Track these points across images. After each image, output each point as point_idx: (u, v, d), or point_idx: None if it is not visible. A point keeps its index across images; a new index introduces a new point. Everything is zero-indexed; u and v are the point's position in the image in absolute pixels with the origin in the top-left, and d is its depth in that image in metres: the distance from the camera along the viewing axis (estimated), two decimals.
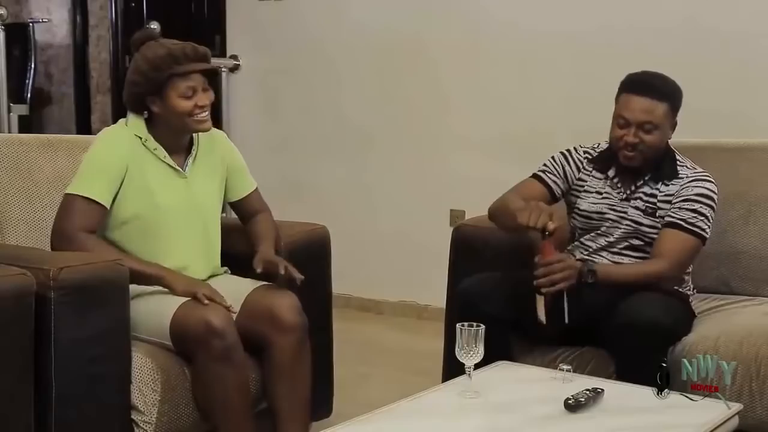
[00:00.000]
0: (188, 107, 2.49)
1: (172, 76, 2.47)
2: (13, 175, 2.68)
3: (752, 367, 2.41)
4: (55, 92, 5.98)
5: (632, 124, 2.61)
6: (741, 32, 3.93)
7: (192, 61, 2.50)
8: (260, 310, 2.48)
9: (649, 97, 2.61)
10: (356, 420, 2.01)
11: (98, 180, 2.47)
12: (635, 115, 2.61)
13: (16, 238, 2.63)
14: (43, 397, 2.15)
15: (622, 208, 2.70)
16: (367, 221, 4.89)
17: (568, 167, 2.80)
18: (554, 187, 2.79)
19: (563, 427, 1.99)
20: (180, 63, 2.48)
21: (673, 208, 2.64)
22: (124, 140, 2.53)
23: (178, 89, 2.48)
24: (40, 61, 5.87)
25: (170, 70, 2.47)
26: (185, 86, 2.48)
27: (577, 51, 4.27)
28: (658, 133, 2.62)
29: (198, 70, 2.51)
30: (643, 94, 2.62)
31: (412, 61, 4.75)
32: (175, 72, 2.47)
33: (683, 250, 2.62)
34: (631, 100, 2.63)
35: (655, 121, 2.61)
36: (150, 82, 2.48)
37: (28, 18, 5.92)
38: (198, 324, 2.32)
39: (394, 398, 2.14)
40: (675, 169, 2.69)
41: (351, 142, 4.98)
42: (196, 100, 2.50)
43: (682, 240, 2.62)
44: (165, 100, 2.49)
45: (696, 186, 2.66)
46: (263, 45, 5.25)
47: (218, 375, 2.33)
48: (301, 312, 2.50)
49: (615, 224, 2.70)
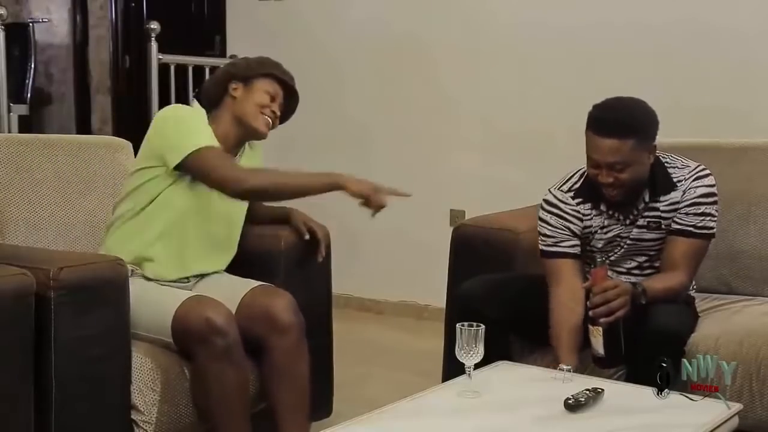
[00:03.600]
0: (266, 102, 2.66)
1: (268, 74, 2.68)
2: (14, 175, 2.68)
3: (752, 367, 2.41)
4: (55, 92, 5.98)
5: (602, 166, 2.46)
6: (741, 32, 3.93)
7: (280, 70, 2.71)
8: (257, 311, 2.49)
9: (614, 138, 2.41)
10: (356, 420, 2.00)
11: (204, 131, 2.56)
12: (603, 157, 2.44)
13: (16, 238, 2.63)
14: (43, 397, 2.15)
15: (627, 232, 2.60)
16: (367, 221, 4.88)
17: (572, 225, 2.62)
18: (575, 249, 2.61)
19: (563, 427, 1.99)
20: (278, 70, 2.71)
21: (679, 214, 2.55)
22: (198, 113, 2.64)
23: (267, 85, 2.67)
24: (40, 61, 5.87)
25: (270, 69, 2.70)
26: (274, 87, 2.69)
27: (577, 51, 4.27)
28: (631, 169, 2.45)
29: (290, 86, 2.73)
30: (606, 135, 2.42)
31: (412, 61, 4.75)
32: (273, 72, 2.69)
33: (696, 257, 2.57)
34: (596, 142, 2.44)
35: (624, 160, 2.42)
36: (248, 68, 2.69)
37: (28, 18, 5.92)
38: (200, 321, 2.32)
39: (394, 398, 2.13)
40: (670, 179, 2.56)
41: (351, 141, 4.98)
42: (273, 105, 2.67)
43: (694, 247, 2.55)
44: (249, 87, 2.65)
45: (698, 187, 2.55)
46: (263, 45, 5.23)
47: (218, 373, 2.33)
48: (298, 312, 2.51)
49: (621, 249, 2.61)
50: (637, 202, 2.57)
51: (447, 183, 4.67)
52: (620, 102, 2.51)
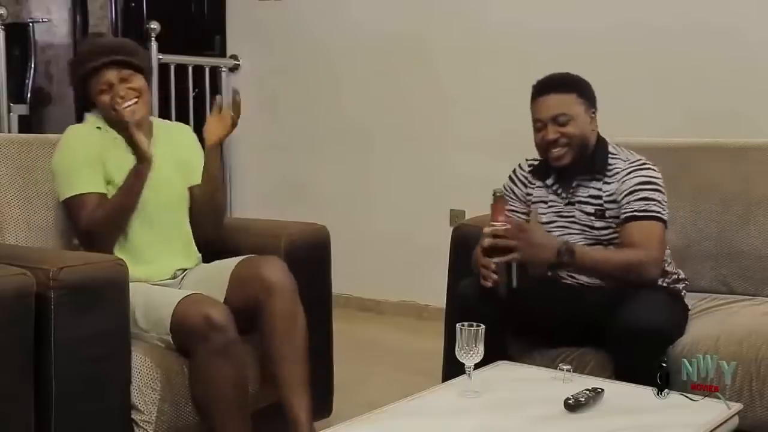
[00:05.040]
0: (107, 100, 2.61)
1: (84, 74, 2.62)
2: (13, 175, 2.69)
3: (752, 367, 2.41)
4: (55, 92, 5.98)
5: (546, 123, 2.63)
6: (741, 32, 3.93)
7: (100, 56, 2.62)
8: (249, 277, 2.53)
9: (554, 93, 2.65)
10: (356, 420, 2.00)
11: (86, 174, 2.57)
12: (546, 113, 2.64)
13: (16, 238, 2.64)
14: (43, 397, 2.15)
15: (569, 212, 2.68)
16: (367, 221, 4.89)
17: (516, 188, 2.81)
18: (515, 215, 2.74)
19: (563, 427, 1.99)
20: (90, 60, 2.62)
21: (622, 205, 2.61)
22: (88, 134, 2.65)
23: (96, 82, 2.62)
24: (40, 61, 5.87)
25: (81, 69, 2.63)
26: (103, 77, 2.61)
27: (577, 51, 4.26)
28: (574, 123, 2.62)
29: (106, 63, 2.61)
30: (547, 92, 2.66)
31: (412, 61, 4.75)
32: (86, 69, 2.61)
33: (651, 235, 2.57)
34: (540, 102, 2.67)
35: (567, 112, 2.63)
36: (75, 81, 2.67)
37: (28, 18, 5.92)
38: (198, 318, 2.32)
39: (394, 398, 2.13)
40: (606, 161, 2.66)
41: (351, 141, 4.98)
42: (117, 91, 2.60)
43: (645, 227, 2.57)
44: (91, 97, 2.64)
45: (634, 176, 2.62)
46: (263, 45, 5.25)
47: (217, 370, 2.33)
48: (290, 274, 2.54)
49: (567, 230, 2.67)
50: (573, 178, 2.67)
51: (447, 183, 4.67)
52: (557, 73, 2.73)
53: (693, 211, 3.08)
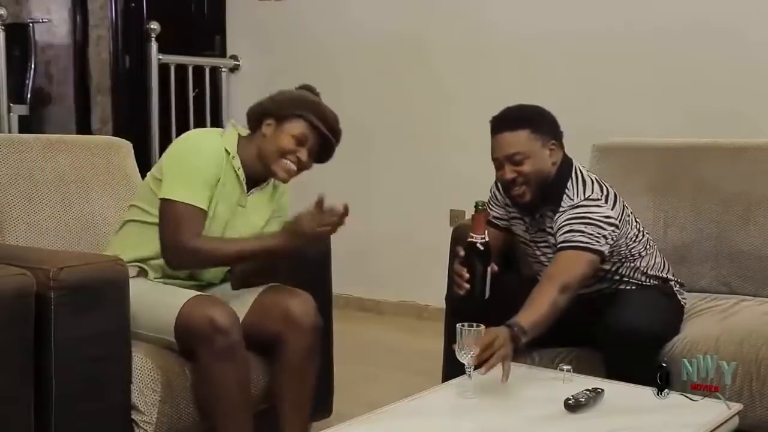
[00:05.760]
0: (289, 147, 2.53)
1: (302, 116, 2.55)
2: (14, 176, 2.68)
3: (752, 367, 2.41)
4: (55, 92, 5.97)
5: (503, 162, 2.56)
6: (741, 32, 3.93)
7: (325, 126, 2.61)
8: (275, 308, 2.49)
9: (507, 131, 2.56)
10: (356, 420, 2.01)
11: (201, 187, 2.45)
12: (501, 152, 2.56)
13: (16, 238, 2.63)
14: (43, 397, 2.15)
15: (541, 237, 2.67)
16: (367, 221, 4.89)
17: (499, 195, 2.77)
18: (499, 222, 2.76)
19: (563, 427, 1.99)
20: (315, 114, 2.58)
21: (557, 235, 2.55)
22: (216, 150, 2.51)
23: (295, 128, 2.55)
24: (40, 61, 5.86)
25: (304, 110, 2.56)
26: (302, 131, 2.55)
27: (577, 51, 4.27)
28: (530, 161, 2.54)
29: (323, 133, 2.60)
30: (500, 131, 2.58)
31: (412, 61, 4.75)
32: (306, 115, 2.56)
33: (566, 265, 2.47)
34: (495, 140, 2.59)
35: (520, 150, 2.54)
36: (282, 106, 2.57)
37: (28, 18, 5.91)
38: (203, 321, 2.32)
39: (394, 398, 2.14)
40: (560, 196, 2.57)
41: (351, 142, 4.93)
42: (299, 151, 2.55)
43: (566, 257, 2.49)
44: (280, 127, 2.54)
45: (568, 214, 2.53)
46: (263, 45, 5.25)
47: (220, 373, 2.33)
48: (318, 314, 2.52)
49: (546, 251, 2.65)
50: (533, 210, 2.62)
51: (447, 183, 4.67)
52: (512, 106, 2.65)
53: (693, 211, 3.08)
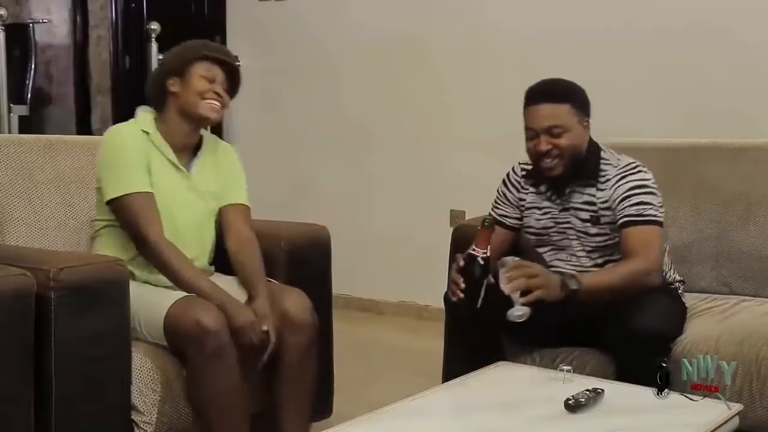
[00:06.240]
0: (204, 87, 2.56)
1: (198, 58, 2.57)
2: (14, 176, 2.68)
3: (752, 368, 2.41)
4: (55, 92, 5.97)
5: (539, 133, 2.58)
6: (741, 32, 3.93)
7: (222, 54, 2.61)
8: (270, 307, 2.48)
9: (548, 102, 2.58)
10: (356, 420, 2.00)
11: (135, 173, 2.48)
12: (540, 123, 2.57)
13: (16, 238, 2.64)
14: (43, 397, 2.15)
15: (564, 219, 2.67)
16: (368, 221, 4.89)
17: (509, 192, 2.79)
18: (506, 220, 2.78)
19: (563, 427, 1.99)
20: (206, 49, 2.60)
21: (617, 212, 2.58)
22: (133, 135, 2.56)
23: (199, 69, 2.57)
24: (40, 61, 5.86)
25: (199, 52, 2.58)
26: (209, 69, 2.57)
27: (577, 51, 4.27)
28: (568, 135, 2.57)
29: (224, 61, 2.60)
30: (542, 101, 2.59)
31: (412, 61, 4.75)
32: (203, 53, 2.58)
33: (650, 240, 2.55)
34: (533, 111, 2.60)
35: (560, 123, 2.57)
36: (177, 59, 2.60)
37: (28, 18, 5.91)
38: (190, 323, 2.31)
39: (394, 398, 2.14)
40: (598, 168, 2.63)
41: (351, 142, 4.99)
42: (214, 87, 2.57)
43: (643, 233, 2.55)
44: (185, 78, 2.57)
45: (626, 182, 2.59)
46: (263, 45, 5.25)
47: (210, 374, 2.32)
48: (313, 312, 2.51)
49: (563, 236, 2.67)
50: (565, 185, 2.65)
51: (447, 183, 4.67)
52: (551, 78, 2.67)
53: (693, 211, 3.08)
